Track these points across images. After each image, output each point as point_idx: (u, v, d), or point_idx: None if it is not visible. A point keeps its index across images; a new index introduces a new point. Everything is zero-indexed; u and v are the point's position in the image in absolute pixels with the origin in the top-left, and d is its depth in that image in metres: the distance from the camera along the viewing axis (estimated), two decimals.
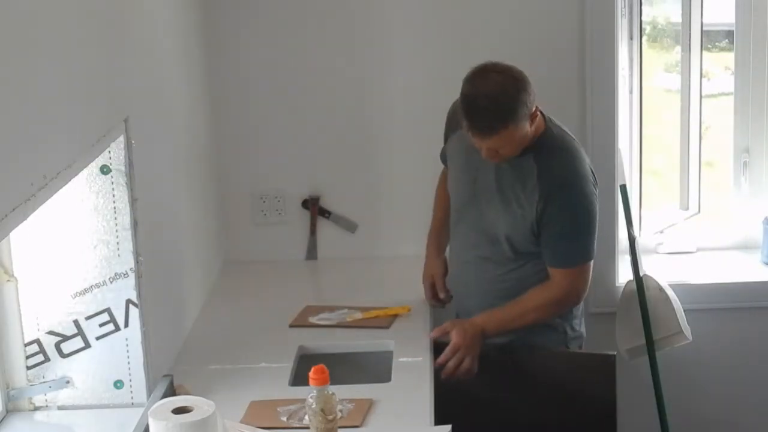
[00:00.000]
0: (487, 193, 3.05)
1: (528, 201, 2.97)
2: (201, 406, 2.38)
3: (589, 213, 3.01)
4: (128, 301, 2.65)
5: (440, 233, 3.35)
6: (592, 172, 3.06)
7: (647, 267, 3.78)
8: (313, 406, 2.44)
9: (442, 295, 3.32)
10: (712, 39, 4.36)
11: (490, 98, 2.87)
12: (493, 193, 3.03)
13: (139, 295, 2.65)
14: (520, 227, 3.00)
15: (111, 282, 2.63)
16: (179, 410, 2.37)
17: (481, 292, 3.11)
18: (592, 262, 3.07)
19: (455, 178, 3.17)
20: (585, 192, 2.99)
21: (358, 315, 3.30)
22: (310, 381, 2.44)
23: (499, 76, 2.91)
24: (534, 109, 2.93)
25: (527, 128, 2.93)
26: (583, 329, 3.23)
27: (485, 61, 2.97)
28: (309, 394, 2.45)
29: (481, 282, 3.11)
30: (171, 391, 2.69)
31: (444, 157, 3.29)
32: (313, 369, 2.44)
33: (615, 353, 3.24)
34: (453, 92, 3.75)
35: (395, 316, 3.29)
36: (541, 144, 2.99)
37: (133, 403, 2.68)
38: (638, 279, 3.70)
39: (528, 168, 2.97)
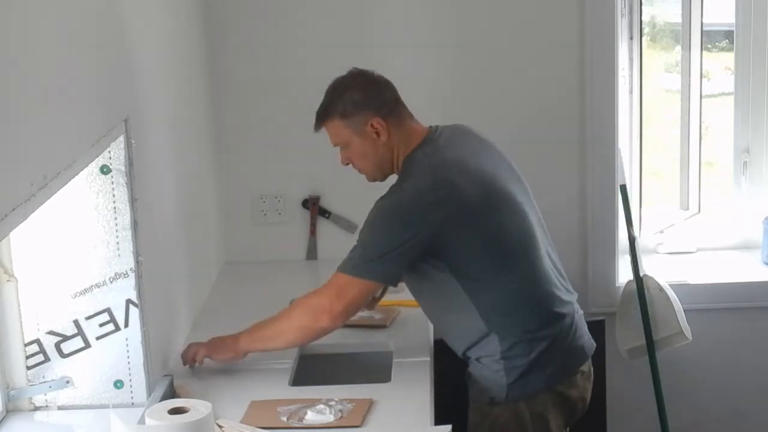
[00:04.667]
0: None
1: None
2: (197, 407, 2.39)
3: (374, 230, 2.78)
4: (128, 301, 2.65)
5: None
6: (438, 189, 2.73)
7: (647, 267, 3.79)
8: None
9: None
10: (712, 39, 4.36)
11: (327, 90, 2.92)
12: None
13: (139, 295, 2.65)
14: None
15: (111, 282, 2.63)
16: (175, 411, 2.38)
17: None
18: (359, 280, 2.75)
19: None
20: (384, 211, 2.78)
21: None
22: None
23: (346, 74, 2.92)
24: (374, 117, 2.83)
25: (364, 135, 2.84)
26: (529, 357, 2.80)
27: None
28: None
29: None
30: (171, 391, 2.69)
31: None
32: None
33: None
34: (452, 92, 3.78)
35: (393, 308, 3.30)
36: (402, 169, 2.87)
37: (133, 403, 2.68)
38: (638, 279, 3.71)
39: None
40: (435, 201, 2.74)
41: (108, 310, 2.64)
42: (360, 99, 2.85)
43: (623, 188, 3.74)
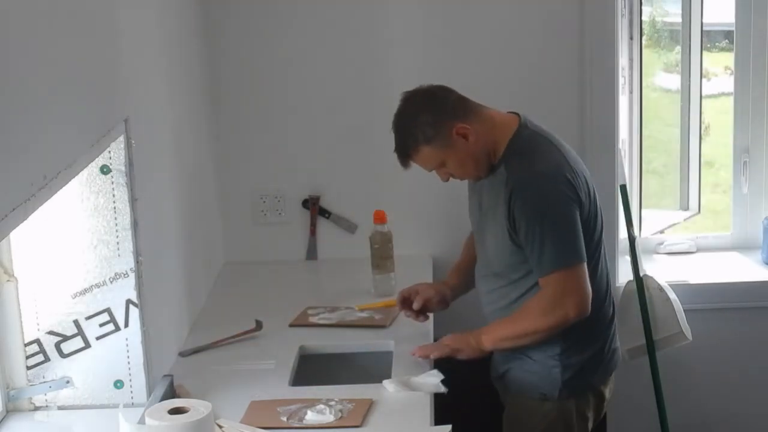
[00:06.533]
0: (481, 215, 2.94)
1: (502, 213, 2.81)
2: (197, 407, 2.39)
3: (549, 215, 2.75)
4: (128, 301, 2.65)
5: (459, 270, 3.18)
6: (569, 166, 2.80)
7: (647, 267, 3.79)
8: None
9: (414, 306, 3.12)
10: (712, 39, 4.36)
11: (394, 127, 2.86)
12: (483, 213, 2.91)
13: (139, 295, 2.65)
14: (500, 243, 2.85)
15: (111, 282, 2.63)
16: (176, 411, 2.38)
17: (489, 315, 2.98)
18: (576, 267, 2.76)
19: (469, 207, 3.05)
20: (543, 192, 2.76)
21: (357, 312, 3.33)
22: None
23: (403, 103, 2.86)
24: (455, 126, 2.78)
25: (454, 146, 2.79)
26: (584, 356, 2.87)
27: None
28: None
29: (487, 304, 2.98)
30: (171, 391, 2.69)
31: None
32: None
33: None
34: None
35: (393, 308, 3.29)
36: (511, 151, 2.81)
37: (133, 403, 2.68)
38: (638, 279, 3.70)
39: (501, 179, 2.83)
40: (571, 174, 2.78)
41: (108, 310, 2.65)
42: (433, 118, 2.80)
43: (623, 188, 3.74)
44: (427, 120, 2.79)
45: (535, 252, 2.76)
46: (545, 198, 2.76)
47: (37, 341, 2.64)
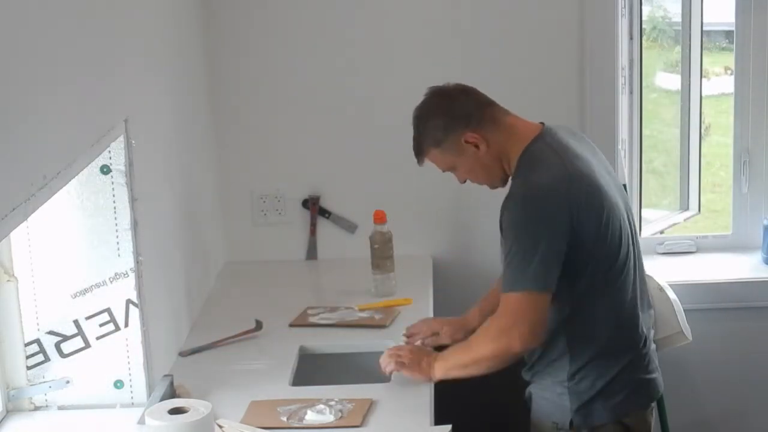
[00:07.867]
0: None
1: (499, 227, 2.74)
2: (197, 407, 2.40)
3: (522, 234, 2.63)
4: (128, 301, 2.65)
5: (480, 310, 3.06)
6: (569, 184, 2.64)
7: (647, 267, 3.78)
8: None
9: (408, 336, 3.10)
10: (712, 39, 4.36)
11: (412, 123, 2.84)
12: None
13: (139, 295, 2.65)
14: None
15: (111, 282, 2.63)
16: (176, 411, 2.39)
17: None
18: (529, 294, 2.61)
19: None
20: (524, 210, 2.64)
21: (357, 312, 3.34)
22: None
23: (423, 100, 2.83)
24: (464, 134, 2.73)
25: (463, 153, 2.75)
26: (596, 383, 2.73)
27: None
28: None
29: None
30: (171, 391, 2.69)
31: None
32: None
33: None
34: None
35: (393, 308, 3.31)
36: (520, 164, 2.73)
37: (133, 403, 2.69)
38: None
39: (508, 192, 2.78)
40: (568, 193, 2.64)
41: (108, 310, 2.65)
42: (444, 122, 2.76)
43: (623, 188, 3.73)
44: (438, 124, 2.77)
45: (503, 268, 2.68)
46: (524, 217, 2.65)
47: (37, 341, 2.64)
